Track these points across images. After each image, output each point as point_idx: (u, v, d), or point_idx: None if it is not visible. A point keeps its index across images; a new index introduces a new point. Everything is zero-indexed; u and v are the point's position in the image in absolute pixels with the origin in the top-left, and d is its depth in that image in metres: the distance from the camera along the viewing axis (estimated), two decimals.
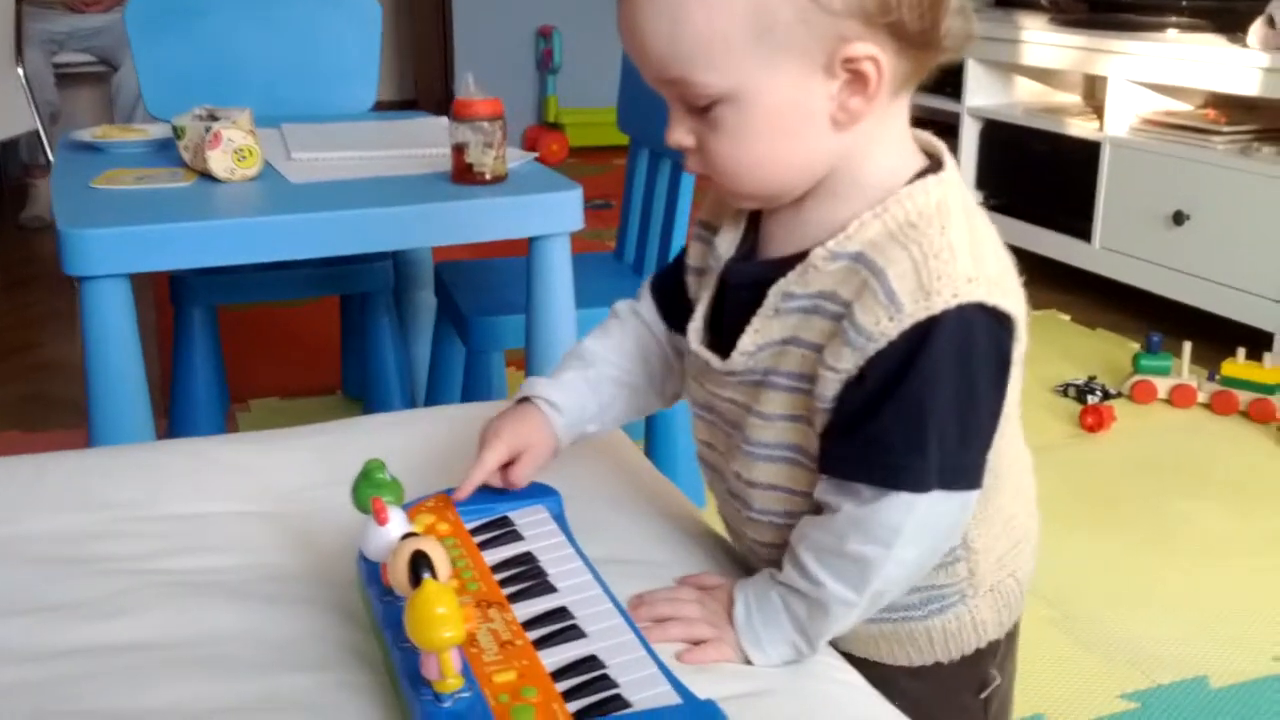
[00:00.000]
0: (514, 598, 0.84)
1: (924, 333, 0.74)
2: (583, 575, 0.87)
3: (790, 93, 0.75)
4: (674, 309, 0.95)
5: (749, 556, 0.93)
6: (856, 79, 0.74)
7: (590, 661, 0.77)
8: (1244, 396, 2.54)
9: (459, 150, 1.68)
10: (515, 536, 0.92)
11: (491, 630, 0.78)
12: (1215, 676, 1.67)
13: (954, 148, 3.62)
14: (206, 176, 1.72)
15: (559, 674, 0.75)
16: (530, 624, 0.80)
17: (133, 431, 1.52)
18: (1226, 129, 2.87)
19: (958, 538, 0.84)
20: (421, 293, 2.40)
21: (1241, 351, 2.59)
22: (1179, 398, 2.59)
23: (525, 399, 0.95)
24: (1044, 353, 2.93)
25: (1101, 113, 3.16)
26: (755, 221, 0.86)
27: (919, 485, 0.76)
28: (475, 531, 0.92)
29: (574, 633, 0.80)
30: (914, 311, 0.74)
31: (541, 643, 0.78)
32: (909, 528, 0.77)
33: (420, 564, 0.73)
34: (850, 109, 0.75)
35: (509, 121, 1.71)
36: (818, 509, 0.82)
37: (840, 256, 0.78)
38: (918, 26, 0.74)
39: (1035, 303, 3.29)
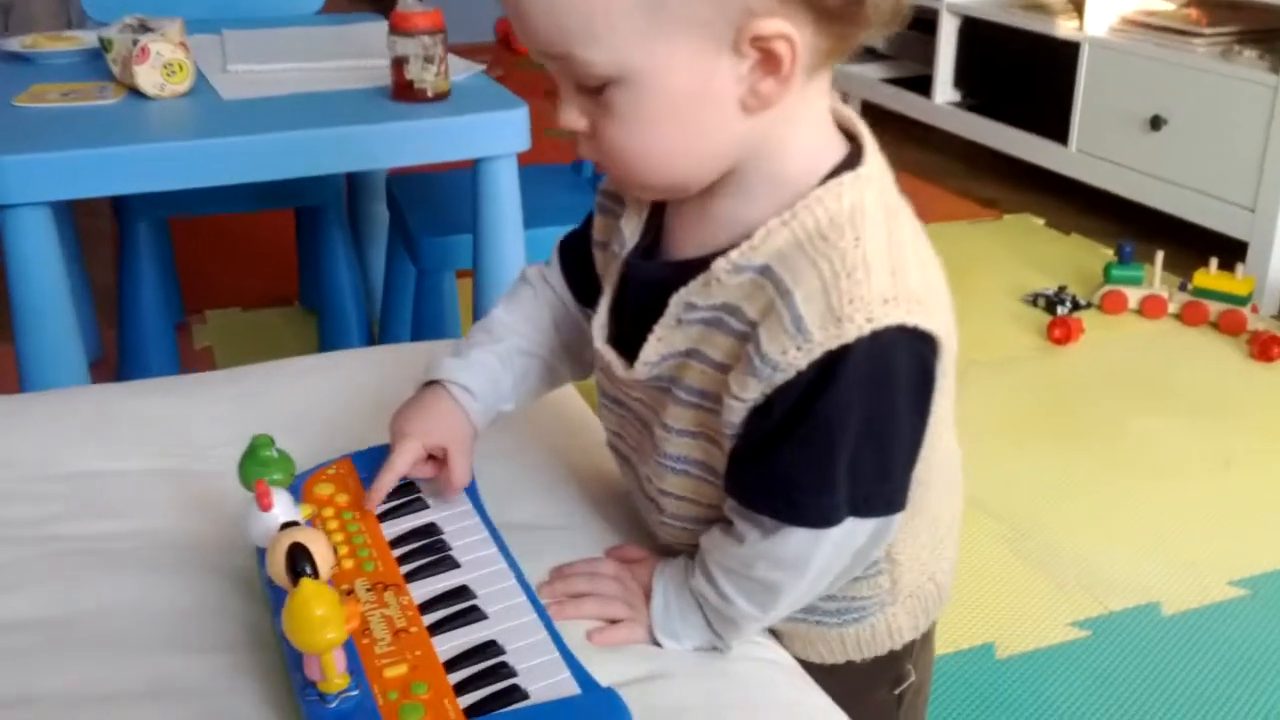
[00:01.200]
0: (413, 575, 0.80)
1: (834, 361, 0.67)
2: (488, 548, 0.84)
3: (690, 74, 0.66)
4: (583, 283, 0.88)
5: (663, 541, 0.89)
6: (768, 59, 0.66)
7: (488, 648, 0.74)
8: (1215, 308, 2.50)
9: (398, 65, 1.61)
10: (420, 505, 0.88)
11: (386, 616, 0.75)
12: (1168, 603, 1.66)
13: (931, 45, 3.53)
14: (136, 92, 1.65)
15: (454, 662, 0.72)
16: (429, 605, 0.77)
17: (62, 367, 1.47)
18: (1208, 30, 2.78)
19: (881, 551, 0.79)
20: (375, 205, 2.33)
21: (1214, 262, 2.54)
22: (1149, 308, 2.55)
23: (433, 382, 0.88)
24: (1015, 259, 2.89)
25: (1082, 10, 3.06)
26: (660, 207, 0.79)
27: (824, 522, 0.72)
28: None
29: (474, 615, 0.77)
30: (823, 340, 0.66)
31: (438, 627, 0.75)
32: (819, 557, 0.74)
33: (299, 558, 0.70)
34: (761, 93, 0.67)
35: (479, 11, 1.62)
36: (729, 520, 0.78)
37: (745, 269, 0.70)
38: (838, 2, 0.65)
39: (1010, 206, 3.29)
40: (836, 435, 0.69)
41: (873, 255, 0.68)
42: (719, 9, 0.64)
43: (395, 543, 0.84)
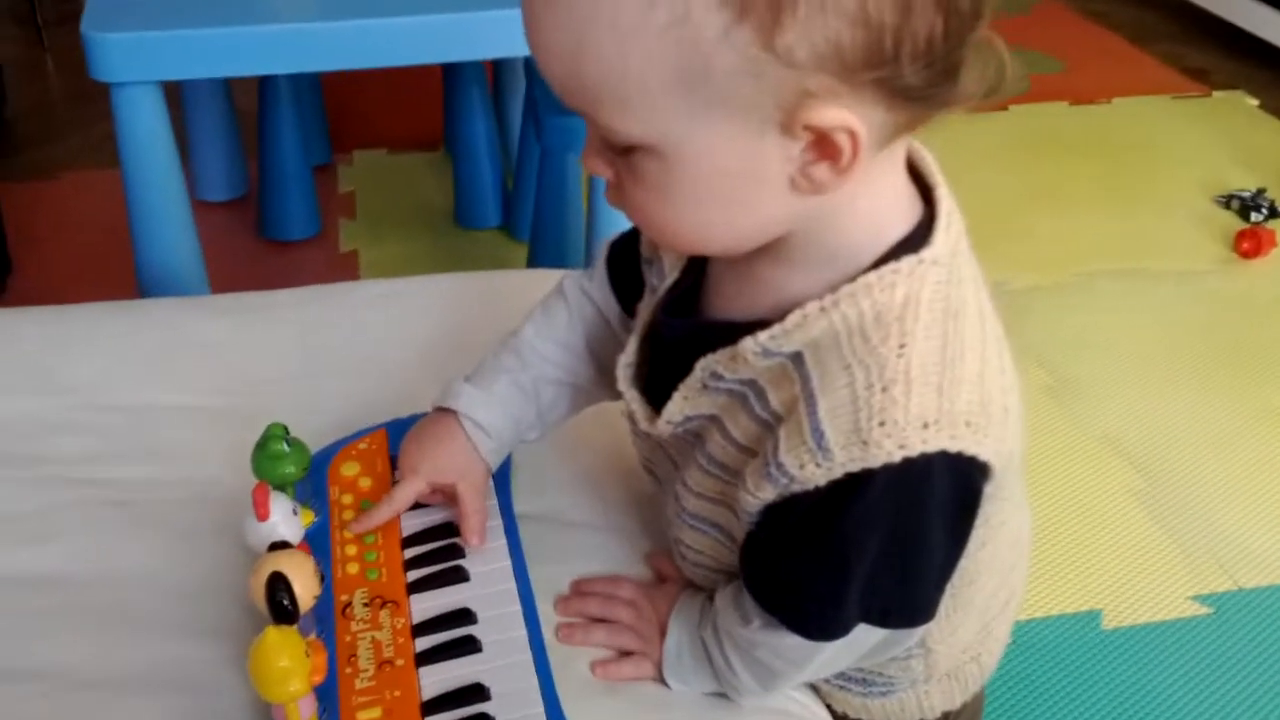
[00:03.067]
0: (419, 586, 0.77)
1: (857, 484, 0.58)
2: (502, 560, 0.80)
3: (730, 154, 0.55)
4: (630, 289, 0.79)
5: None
6: (823, 143, 0.55)
7: (473, 693, 0.70)
8: None
9: None
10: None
11: (375, 642, 0.73)
12: None
13: None
14: None
15: (435, 704, 0.69)
16: (425, 628, 0.74)
17: (176, 247, 1.48)
18: None
19: (912, 641, 0.72)
20: (517, 63, 2.25)
21: None
22: None
23: (448, 410, 0.81)
24: (1216, 147, 2.62)
25: None
26: None
27: (827, 635, 0.66)
28: None
29: (468, 646, 0.73)
30: (845, 461, 0.58)
31: (429, 657, 0.72)
32: (822, 656, 0.68)
33: (278, 590, 0.67)
34: (814, 178, 0.56)
35: None
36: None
37: (774, 355, 0.62)
38: (920, 80, 0.53)
39: (1222, 80, 2.97)
40: (851, 555, 0.61)
41: (918, 368, 0.58)
42: (770, 90, 0.53)
43: (410, 540, 0.81)
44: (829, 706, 0.80)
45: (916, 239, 0.61)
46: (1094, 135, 2.73)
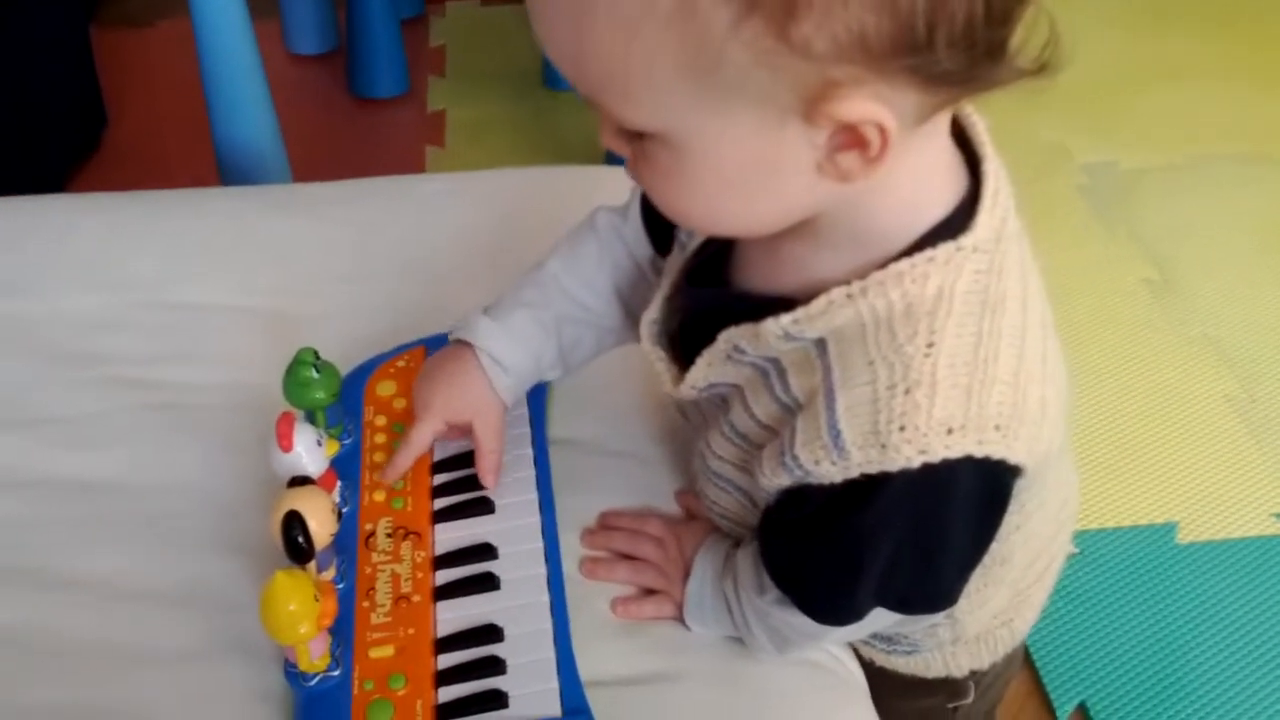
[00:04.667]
0: (444, 515, 0.78)
1: (873, 482, 0.56)
2: (529, 493, 0.79)
3: (749, 145, 0.51)
4: (665, 232, 0.74)
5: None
6: (851, 132, 0.50)
7: (487, 633, 0.71)
8: None
9: None
10: None
11: (395, 575, 0.73)
12: None
13: None
14: None
15: (448, 642, 0.70)
16: (446, 560, 0.75)
17: (253, 123, 1.48)
18: None
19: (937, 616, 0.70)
20: None
21: None
22: None
23: (464, 343, 0.78)
24: None
25: None
26: None
27: (843, 620, 0.65)
28: None
29: (487, 583, 0.74)
30: (862, 462, 0.55)
31: (447, 592, 0.73)
32: (835, 634, 0.69)
33: (293, 528, 0.68)
34: (840, 166, 0.51)
35: None
36: None
37: (796, 339, 0.58)
38: (959, 64, 0.48)
39: None
40: (865, 552, 0.59)
41: (945, 369, 0.54)
42: (788, 82, 0.48)
43: (440, 466, 0.81)
44: (856, 651, 0.80)
45: (956, 221, 0.56)
46: (1224, 2, 2.53)
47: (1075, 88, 2.23)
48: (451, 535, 0.76)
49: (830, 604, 0.64)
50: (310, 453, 0.74)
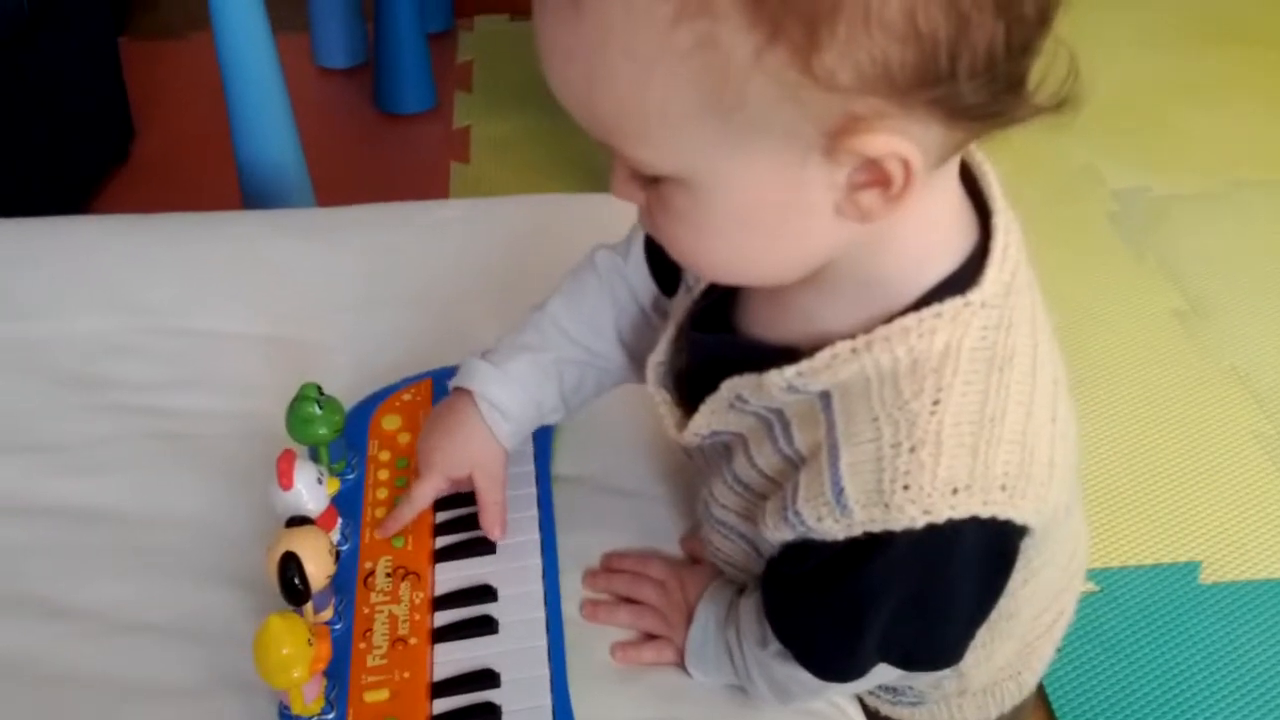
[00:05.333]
0: (444, 554, 0.77)
1: (876, 543, 0.55)
2: (530, 532, 0.78)
3: (769, 185, 0.50)
4: (669, 270, 0.73)
5: None
6: (872, 169, 0.49)
7: (483, 678, 0.70)
8: None
9: None
10: None
11: (392, 616, 0.73)
12: None
13: None
14: None
15: (443, 686, 0.69)
16: (445, 601, 0.74)
17: (274, 142, 1.48)
18: None
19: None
20: None
21: None
22: None
23: (464, 391, 0.77)
24: None
25: None
26: None
27: (845, 678, 0.65)
28: None
29: (485, 626, 0.73)
30: (866, 521, 0.54)
31: (444, 634, 0.72)
32: (841, 688, 0.68)
33: (289, 569, 0.67)
34: (861, 205, 0.50)
35: None
36: None
37: (801, 392, 0.57)
38: (981, 97, 0.47)
39: None
40: (867, 611, 0.58)
41: (950, 428, 0.53)
42: (812, 116, 0.47)
43: (443, 503, 0.80)
44: (860, 700, 0.78)
45: (965, 275, 0.55)
46: (1274, 21, 2.50)
47: (1108, 110, 2.20)
48: (451, 575, 0.76)
49: (833, 661, 0.63)
50: (310, 491, 0.74)
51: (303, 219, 1.13)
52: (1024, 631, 0.71)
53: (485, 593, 0.75)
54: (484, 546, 0.77)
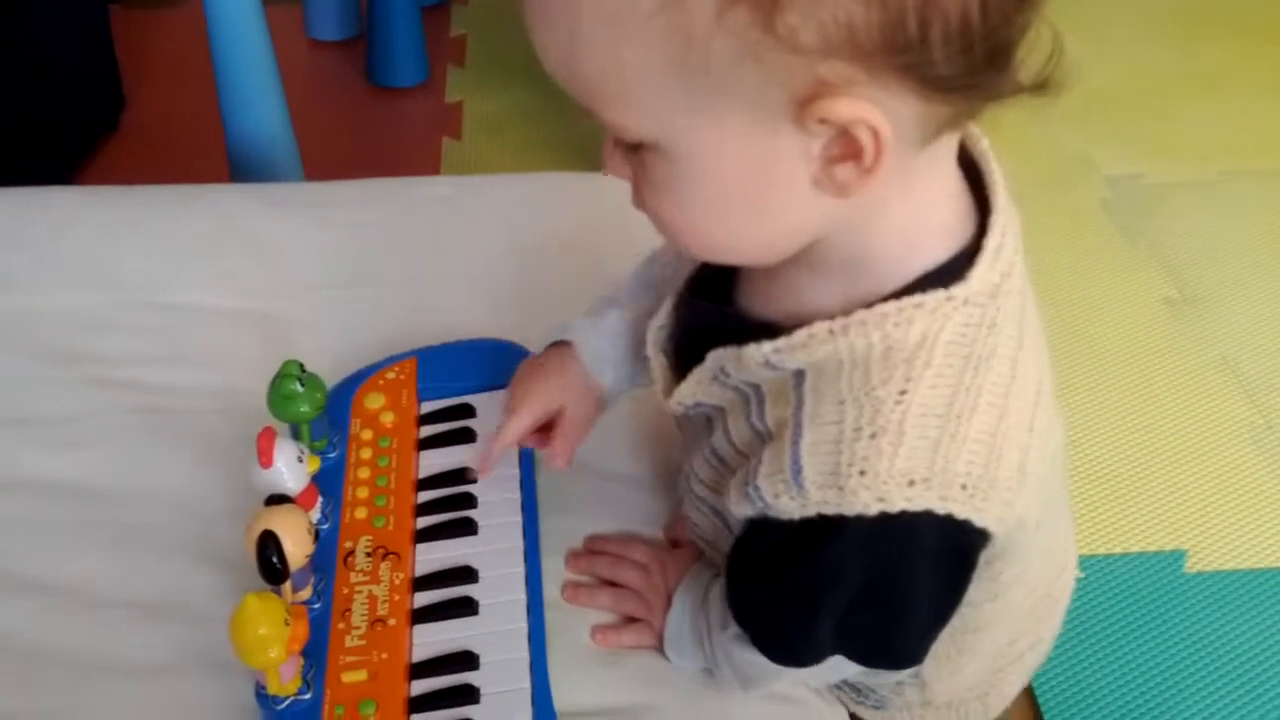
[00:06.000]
0: (425, 534, 0.76)
1: (830, 526, 0.54)
2: (513, 514, 0.78)
3: (741, 151, 0.50)
4: None
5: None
6: (845, 139, 0.48)
7: (462, 659, 0.69)
8: None
9: None
10: (466, 436, 0.82)
11: (372, 597, 0.72)
12: None
13: None
14: None
15: (422, 667, 0.69)
16: (425, 582, 0.73)
17: (263, 114, 1.46)
18: None
19: (904, 674, 0.69)
20: None
21: None
22: None
23: (564, 344, 0.78)
24: None
25: None
26: None
27: (803, 663, 0.64)
28: (429, 419, 0.84)
29: (465, 608, 0.72)
30: (820, 501, 0.54)
31: (424, 615, 0.72)
32: (798, 675, 0.68)
33: (268, 548, 0.66)
34: (836, 179, 0.49)
35: None
36: None
37: (777, 369, 0.57)
38: (956, 68, 0.46)
39: None
40: (823, 595, 0.58)
41: (915, 419, 0.52)
42: (775, 79, 0.46)
43: (425, 483, 0.80)
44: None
45: (954, 269, 0.54)
46: (1275, 11, 2.49)
47: (1102, 97, 2.20)
48: (432, 556, 0.75)
49: (784, 644, 0.63)
50: (290, 469, 0.73)
51: (289, 193, 1.12)
52: (994, 652, 0.71)
53: (466, 574, 0.74)
54: (466, 527, 0.77)
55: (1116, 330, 1.69)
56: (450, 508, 0.78)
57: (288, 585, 0.69)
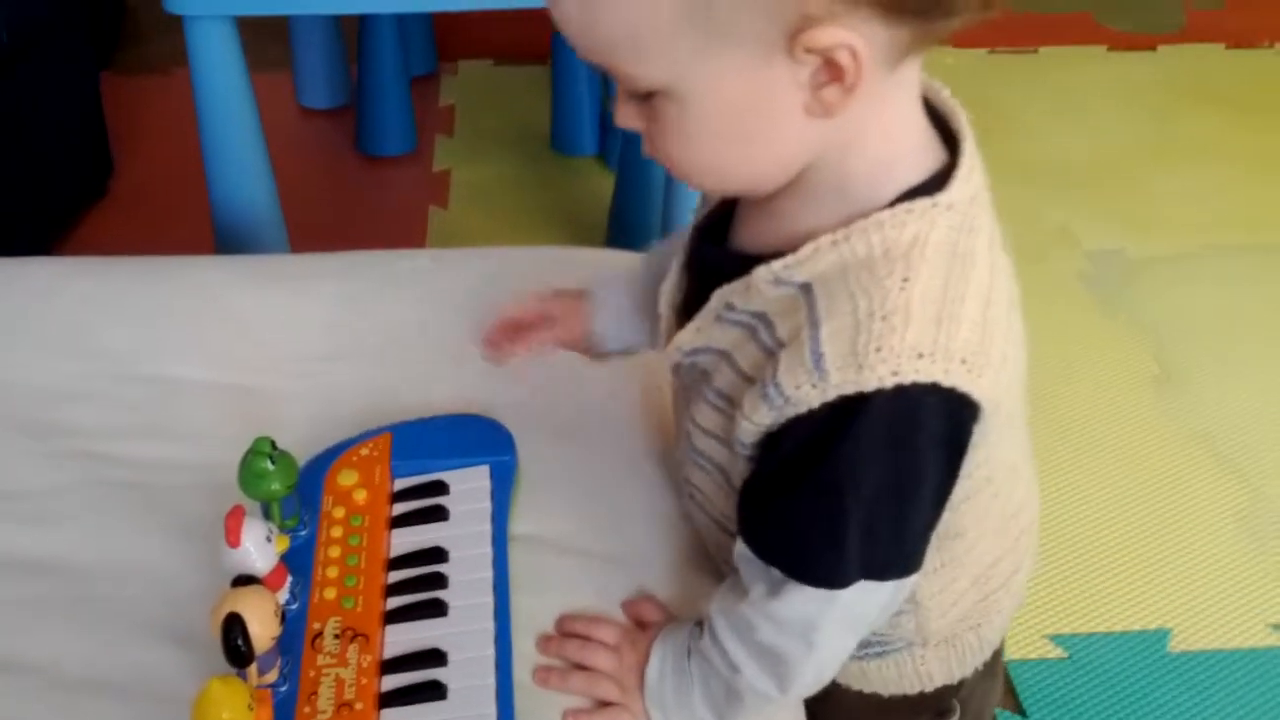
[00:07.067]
0: (395, 615, 0.76)
1: (850, 411, 0.60)
2: (484, 595, 0.77)
3: (742, 86, 0.58)
4: None
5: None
6: (829, 66, 0.57)
7: None
8: None
9: None
10: (440, 515, 0.82)
11: (339, 680, 0.71)
12: None
13: None
14: None
15: None
16: (393, 665, 0.73)
17: (249, 184, 1.47)
18: None
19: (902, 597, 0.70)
20: None
21: None
22: None
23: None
24: None
25: None
26: None
27: (834, 581, 0.65)
28: (402, 496, 0.83)
29: (432, 692, 0.71)
30: (840, 383, 0.59)
31: (391, 699, 0.71)
32: (827, 623, 0.67)
33: (233, 632, 0.66)
34: (825, 101, 0.58)
35: None
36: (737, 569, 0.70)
37: (785, 284, 0.63)
38: None
39: None
40: (849, 492, 0.62)
41: (918, 301, 0.60)
42: (768, 15, 0.56)
43: (396, 563, 0.79)
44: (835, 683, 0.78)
45: (934, 184, 0.62)
46: (1253, 85, 2.53)
47: (1083, 169, 2.23)
48: (402, 638, 0.74)
49: (819, 559, 0.64)
50: (259, 549, 0.72)
51: (269, 265, 1.13)
52: (979, 570, 0.75)
53: (435, 656, 0.73)
54: (436, 608, 0.76)
55: (1097, 405, 1.70)
56: (421, 588, 0.77)
57: (253, 668, 0.68)
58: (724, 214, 0.71)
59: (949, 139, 0.65)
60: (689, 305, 0.72)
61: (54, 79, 1.95)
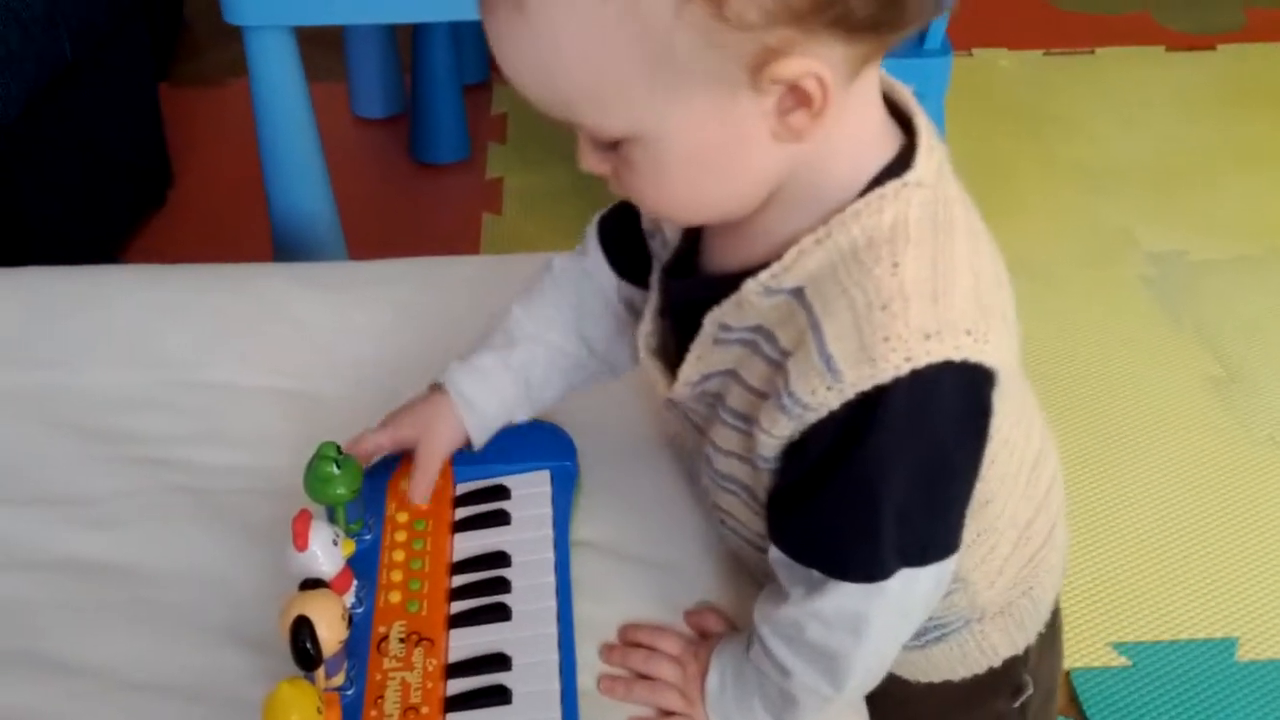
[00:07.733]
0: (460, 620, 0.76)
1: (870, 405, 0.59)
2: (548, 599, 0.77)
3: (710, 124, 0.58)
4: (632, 262, 0.79)
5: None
6: (795, 92, 0.57)
7: None
8: None
9: None
10: (501, 519, 0.82)
11: (404, 684, 0.71)
12: None
13: None
14: None
15: None
16: (459, 669, 0.73)
17: (307, 192, 1.48)
18: None
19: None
20: None
21: None
22: None
23: (440, 387, 0.83)
24: None
25: None
26: None
27: (872, 576, 0.65)
28: (464, 500, 0.84)
29: (498, 697, 0.71)
30: (856, 380, 0.59)
31: (457, 704, 0.71)
32: (875, 614, 0.66)
33: (301, 634, 0.66)
34: (793, 126, 0.58)
35: None
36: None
37: (776, 292, 0.63)
38: (870, 10, 0.55)
39: None
40: (879, 485, 0.61)
41: (912, 283, 0.60)
42: (732, 56, 0.55)
43: (460, 567, 0.79)
44: (898, 678, 0.79)
45: (898, 165, 0.62)
46: None
47: (1144, 172, 2.19)
48: (466, 642, 0.74)
49: (855, 554, 0.64)
50: (326, 553, 0.73)
51: (327, 273, 1.13)
52: (1016, 534, 0.74)
53: (499, 661, 0.73)
54: (500, 613, 0.76)
55: (1161, 409, 1.67)
56: (484, 592, 0.77)
57: (321, 671, 0.69)
58: (687, 250, 0.72)
59: (898, 116, 0.65)
60: (677, 343, 0.72)
61: (115, 90, 1.98)
